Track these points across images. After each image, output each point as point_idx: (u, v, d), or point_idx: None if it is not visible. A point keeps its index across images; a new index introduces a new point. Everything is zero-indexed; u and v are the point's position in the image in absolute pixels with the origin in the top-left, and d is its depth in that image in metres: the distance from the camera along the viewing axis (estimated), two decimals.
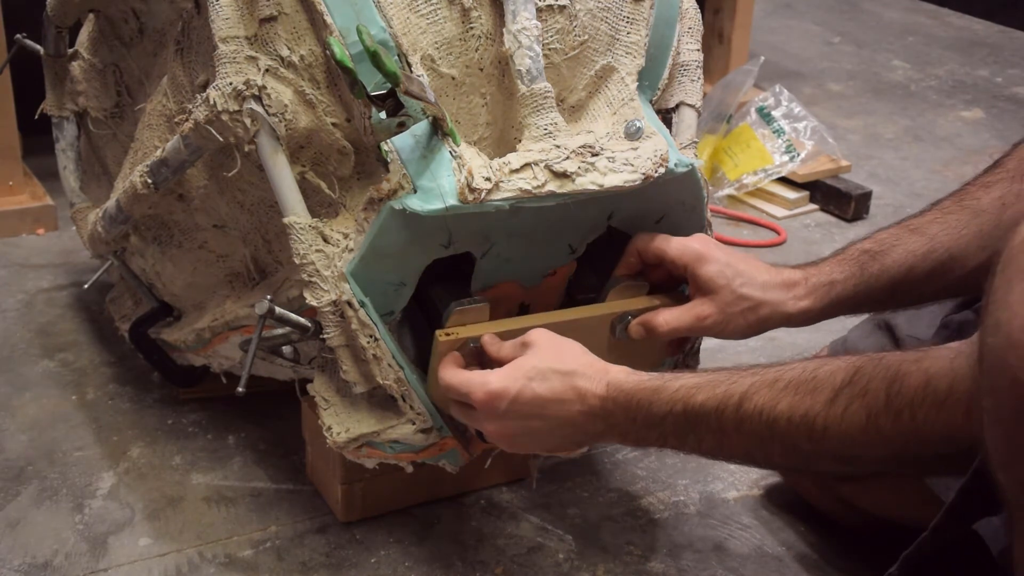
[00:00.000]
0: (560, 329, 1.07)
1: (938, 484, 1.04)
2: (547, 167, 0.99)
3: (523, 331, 1.06)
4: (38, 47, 1.42)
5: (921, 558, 0.89)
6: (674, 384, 0.94)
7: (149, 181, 1.13)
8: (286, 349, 1.11)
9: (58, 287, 1.64)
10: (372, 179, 1.04)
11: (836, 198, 1.99)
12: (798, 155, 1.99)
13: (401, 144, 1.00)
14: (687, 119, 1.18)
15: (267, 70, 1.01)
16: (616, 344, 1.11)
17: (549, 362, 0.98)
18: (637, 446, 0.99)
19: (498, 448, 1.16)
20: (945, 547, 0.88)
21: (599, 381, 0.97)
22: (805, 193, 2.01)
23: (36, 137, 1.74)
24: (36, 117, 1.47)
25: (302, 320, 1.04)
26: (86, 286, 1.44)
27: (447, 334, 1.03)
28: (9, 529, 1.17)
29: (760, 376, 0.91)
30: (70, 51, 1.38)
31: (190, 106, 1.05)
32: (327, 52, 1.00)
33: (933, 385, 0.81)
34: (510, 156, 1.00)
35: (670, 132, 1.15)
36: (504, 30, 1.03)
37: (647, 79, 1.11)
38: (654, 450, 1.33)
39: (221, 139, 1.03)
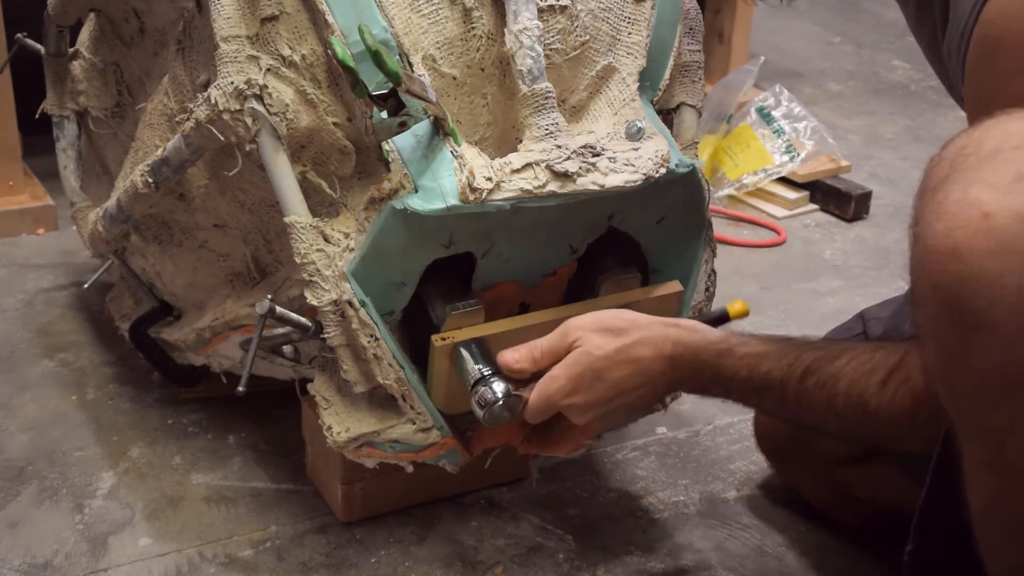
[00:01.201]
0: (556, 326, 1.07)
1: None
2: (548, 167, 0.99)
3: (519, 331, 1.06)
4: (39, 46, 1.42)
5: (928, 524, 0.90)
6: (741, 350, 0.97)
7: (150, 180, 1.13)
8: (286, 349, 1.11)
9: (58, 287, 1.64)
10: (373, 179, 1.04)
11: (836, 198, 1.99)
12: (798, 155, 1.99)
13: (402, 144, 1.00)
14: (688, 119, 1.18)
15: (268, 69, 1.01)
16: None
17: (607, 343, 1.00)
18: (701, 395, 1.04)
19: (498, 448, 1.16)
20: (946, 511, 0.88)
21: (664, 340, 0.99)
22: (805, 193, 2.01)
23: (36, 137, 1.74)
24: (36, 117, 1.47)
25: (303, 320, 1.04)
26: (86, 286, 1.44)
27: (442, 339, 1.03)
28: (9, 529, 1.17)
29: (824, 351, 0.93)
30: (71, 50, 1.37)
31: (191, 105, 1.05)
32: (329, 51, 1.00)
33: None
34: (511, 156, 1.00)
35: (671, 132, 1.15)
36: (505, 30, 1.03)
37: (648, 79, 1.11)
38: (654, 449, 1.33)
39: (222, 138, 1.03)
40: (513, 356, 1.02)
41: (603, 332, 1.00)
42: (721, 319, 1.15)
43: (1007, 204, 0.62)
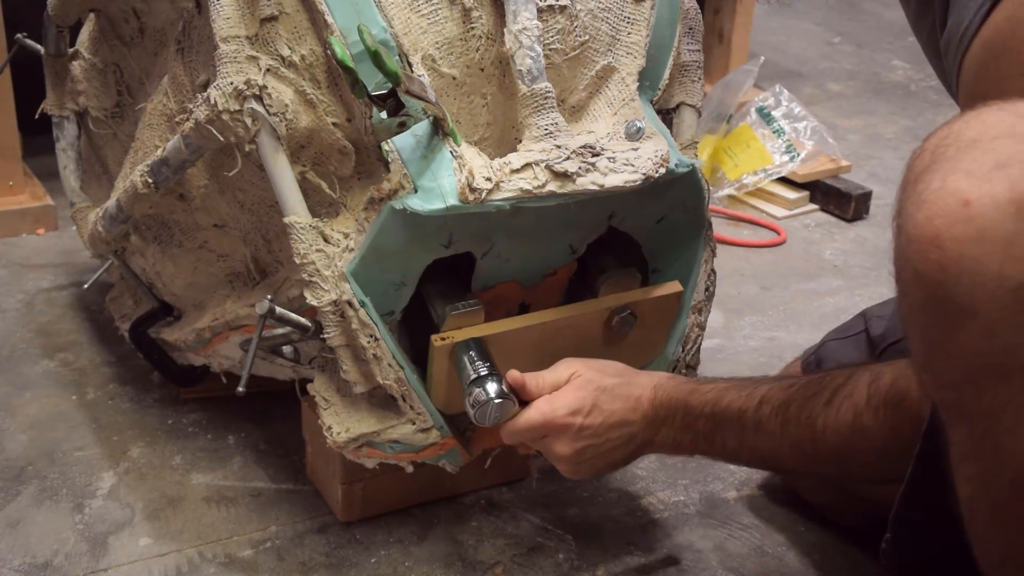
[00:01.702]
0: (556, 327, 1.07)
1: None
2: (548, 167, 0.99)
3: (519, 331, 1.06)
4: (39, 47, 1.42)
5: (907, 515, 0.90)
6: (707, 386, 1.01)
7: (150, 180, 1.13)
8: (286, 349, 1.11)
9: (58, 287, 1.64)
10: (373, 179, 1.04)
11: (836, 198, 1.99)
12: (798, 155, 1.99)
13: (402, 144, 1.00)
14: (688, 119, 1.18)
15: (268, 70, 1.01)
16: (612, 337, 1.11)
17: (604, 378, 1.04)
18: (676, 453, 1.07)
19: (498, 448, 1.16)
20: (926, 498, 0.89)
21: (647, 385, 1.03)
22: (805, 193, 2.01)
23: (36, 137, 1.74)
24: (36, 117, 1.47)
25: (302, 320, 1.04)
26: (86, 286, 1.44)
27: (442, 339, 1.03)
28: (9, 529, 1.17)
29: (779, 381, 0.98)
30: (71, 50, 1.37)
31: (191, 105, 1.05)
32: (328, 52, 1.00)
33: (899, 384, 0.87)
34: (511, 156, 1.00)
35: (671, 132, 1.15)
36: (505, 30, 1.03)
37: (648, 79, 1.11)
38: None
39: (222, 139, 1.03)
40: (520, 378, 1.04)
41: (601, 369, 1.05)
42: None
43: (986, 192, 0.63)
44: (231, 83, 1.00)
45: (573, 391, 1.03)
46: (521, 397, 1.04)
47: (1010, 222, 0.62)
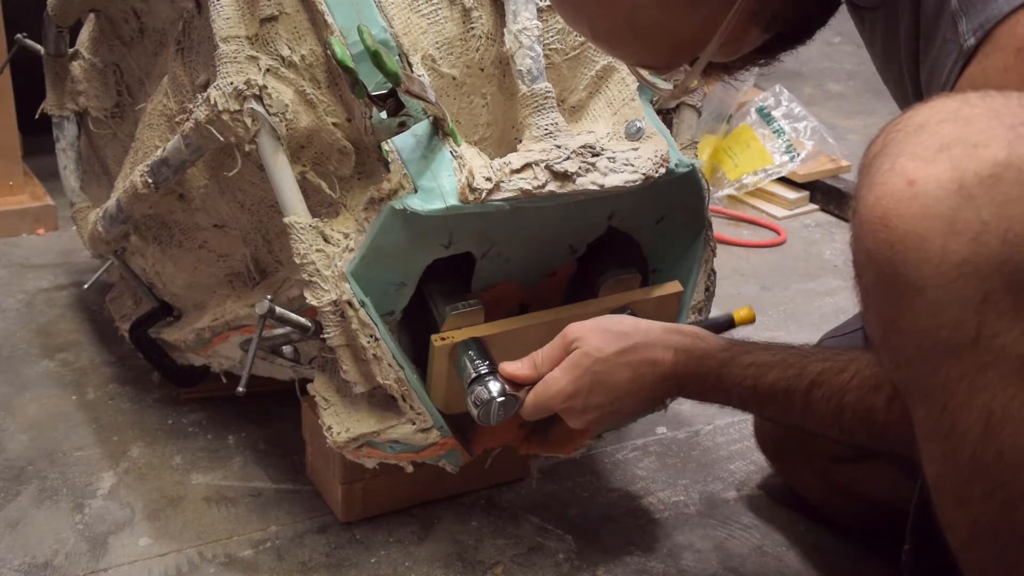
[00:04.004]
0: (556, 327, 1.07)
1: None
2: (548, 167, 0.99)
3: (519, 331, 1.06)
4: (39, 47, 1.42)
5: (925, 522, 0.90)
6: (745, 359, 0.98)
7: (149, 181, 1.13)
8: (286, 349, 1.11)
9: (58, 287, 1.64)
10: (373, 179, 1.04)
11: (836, 198, 1.99)
12: (798, 155, 1.99)
13: (402, 144, 1.00)
14: (688, 119, 1.18)
15: (268, 70, 1.01)
16: None
17: (606, 346, 1.00)
18: (700, 401, 1.05)
19: (498, 448, 1.16)
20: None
21: (666, 346, 1.00)
22: (805, 193, 2.01)
23: (36, 137, 1.74)
24: (36, 117, 1.47)
25: (302, 320, 1.04)
26: (86, 286, 1.44)
27: (442, 339, 1.03)
28: (9, 529, 1.17)
29: (831, 363, 0.94)
30: (71, 51, 1.38)
31: (191, 106, 1.05)
32: (328, 52, 1.00)
33: None
34: (511, 156, 1.00)
35: (671, 132, 1.15)
36: (505, 30, 1.03)
37: None
38: (654, 449, 1.33)
39: (222, 139, 1.03)
40: (515, 366, 1.02)
41: (604, 335, 1.00)
42: (726, 325, 1.15)
43: (930, 171, 0.65)
44: (231, 83, 1.00)
45: (569, 371, 1.00)
46: (523, 383, 1.03)
47: (952, 199, 0.64)
